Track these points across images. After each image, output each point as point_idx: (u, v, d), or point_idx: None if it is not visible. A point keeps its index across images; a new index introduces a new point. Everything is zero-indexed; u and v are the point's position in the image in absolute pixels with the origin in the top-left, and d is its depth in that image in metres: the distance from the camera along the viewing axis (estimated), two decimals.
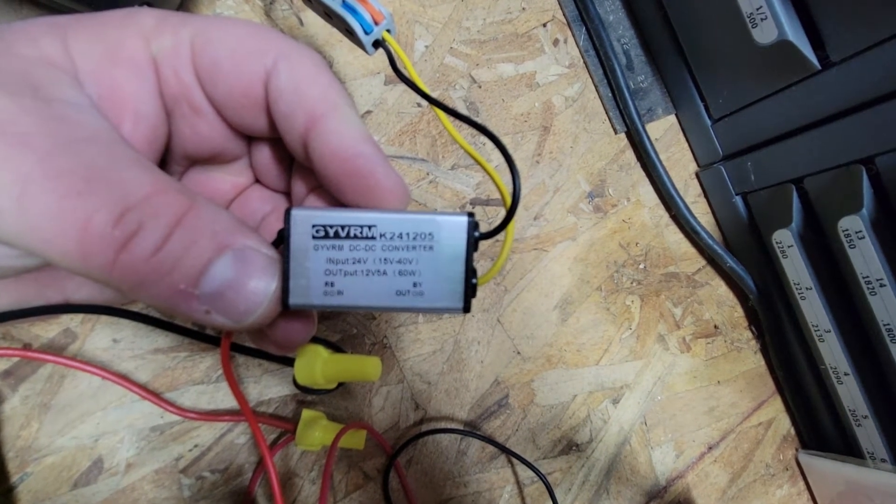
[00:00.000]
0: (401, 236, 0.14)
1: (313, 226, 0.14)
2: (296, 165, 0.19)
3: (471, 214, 0.15)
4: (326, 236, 0.14)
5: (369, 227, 0.14)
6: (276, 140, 0.18)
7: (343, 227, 0.14)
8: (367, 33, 0.21)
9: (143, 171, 0.13)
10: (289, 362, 0.22)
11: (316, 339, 0.23)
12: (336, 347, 0.23)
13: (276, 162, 0.19)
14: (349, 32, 0.21)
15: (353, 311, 0.24)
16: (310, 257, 0.14)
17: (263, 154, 0.19)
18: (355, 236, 0.14)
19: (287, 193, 0.20)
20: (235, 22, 0.16)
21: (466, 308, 0.15)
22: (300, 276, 0.14)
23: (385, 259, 0.14)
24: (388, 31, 0.21)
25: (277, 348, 0.17)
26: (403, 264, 0.14)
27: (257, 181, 0.20)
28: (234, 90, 0.15)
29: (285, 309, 0.15)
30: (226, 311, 0.13)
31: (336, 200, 0.16)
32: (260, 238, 0.14)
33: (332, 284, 0.14)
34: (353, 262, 0.14)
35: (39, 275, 0.16)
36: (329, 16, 0.22)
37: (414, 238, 0.14)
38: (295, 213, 0.14)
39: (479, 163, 0.20)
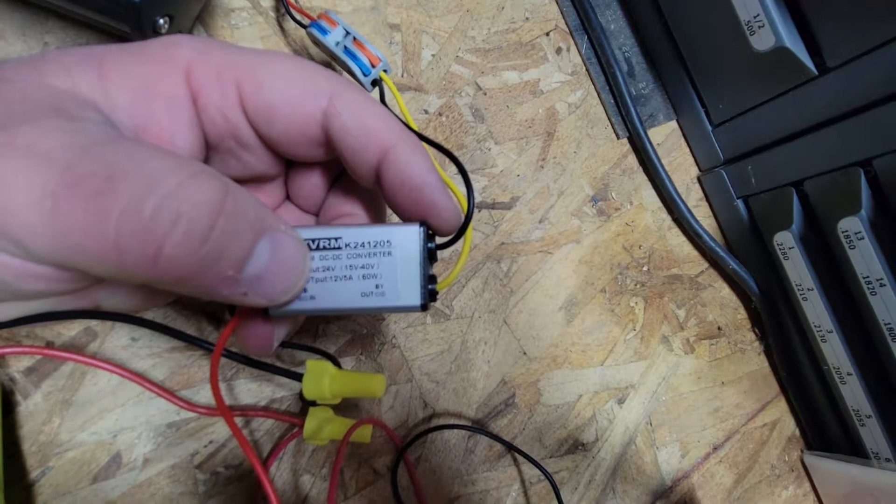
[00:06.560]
0: (363, 245, 0.16)
1: None
2: (330, 195, 0.20)
3: (422, 223, 0.17)
4: None
5: (335, 240, 0.16)
6: (315, 165, 0.20)
7: (313, 241, 0.16)
8: (365, 75, 0.25)
9: (168, 159, 0.13)
10: (297, 377, 0.23)
11: (322, 354, 0.24)
12: (336, 362, 0.24)
13: (310, 185, 0.20)
14: (351, 73, 0.25)
15: (325, 314, 0.26)
16: None
17: (300, 178, 0.20)
18: (324, 248, 0.16)
19: (316, 214, 0.21)
20: (280, 60, 0.16)
21: (424, 307, 0.16)
22: None
23: (350, 266, 0.16)
24: (385, 70, 0.25)
25: (257, 354, 0.19)
26: (366, 269, 0.16)
27: (287, 198, 0.21)
28: (291, 131, 0.16)
29: (266, 317, 0.16)
30: (264, 292, 0.14)
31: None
32: (286, 221, 0.15)
33: (305, 290, 0.16)
34: (323, 270, 0.16)
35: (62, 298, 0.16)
36: (333, 60, 0.26)
37: (374, 246, 0.16)
38: None
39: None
